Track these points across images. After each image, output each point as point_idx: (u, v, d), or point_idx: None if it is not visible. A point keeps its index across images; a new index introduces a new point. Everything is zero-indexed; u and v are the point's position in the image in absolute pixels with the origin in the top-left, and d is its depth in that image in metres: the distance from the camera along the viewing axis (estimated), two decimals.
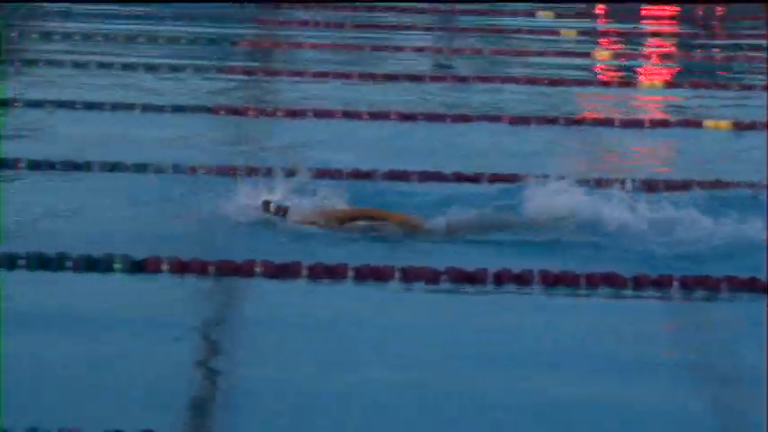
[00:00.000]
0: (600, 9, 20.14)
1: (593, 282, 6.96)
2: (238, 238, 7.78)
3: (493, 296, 6.99)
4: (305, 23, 17.44)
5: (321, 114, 11.27)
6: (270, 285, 7.05)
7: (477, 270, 7.04)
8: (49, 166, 9.11)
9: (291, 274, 7.08)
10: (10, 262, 6.99)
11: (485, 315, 6.81)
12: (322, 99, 12.04)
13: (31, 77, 12.81)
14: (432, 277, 7.05)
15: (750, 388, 5.57)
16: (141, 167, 9.09)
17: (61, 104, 11.24)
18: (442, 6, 19.28)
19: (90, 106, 11.24)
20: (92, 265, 7.09)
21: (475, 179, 9.01)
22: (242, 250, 7.37)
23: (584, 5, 19.90)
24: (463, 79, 13.81)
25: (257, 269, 7.08)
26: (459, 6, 19.42)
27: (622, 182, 8.66)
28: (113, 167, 9.08)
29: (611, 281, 6.96)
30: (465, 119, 11.38)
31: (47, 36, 15.34)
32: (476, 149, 10.33)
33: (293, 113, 11.36)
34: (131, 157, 9.22)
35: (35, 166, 9.09)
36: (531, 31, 17.50)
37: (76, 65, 13.25)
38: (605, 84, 14.32)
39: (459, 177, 8.94)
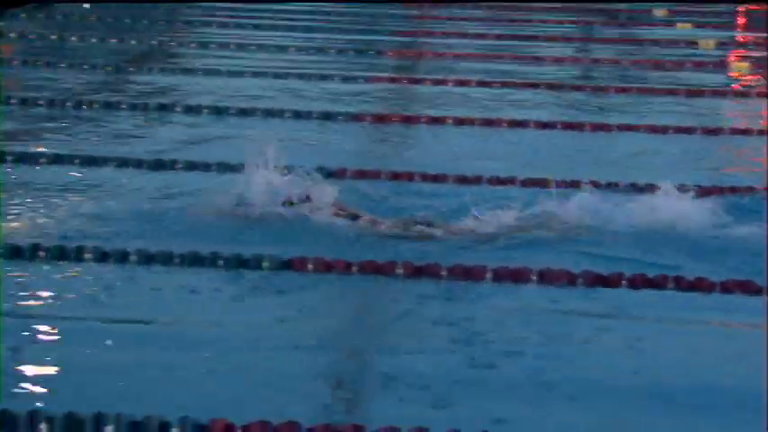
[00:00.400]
0: (741, 19, 19.83)
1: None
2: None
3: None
4: (447, 34, 17.49)
5: (462, 122, 11.27)
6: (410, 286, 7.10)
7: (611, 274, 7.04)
8: (205, 167, 9.24)
9: (431, 275, 7.11)
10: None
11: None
12: (463, 106, 12.05)
13: (189, 85, 12.97)
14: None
15: None
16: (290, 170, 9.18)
17: (218, 111, 11.39)
18: (582, 18, 19.22)
19: (243, 112, 11.37)
20: (242, 263, 7.19)
21: (612, 187, 8.89)
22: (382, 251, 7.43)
23: (724, 17, 19.64)
24: (602, 89, 13.70)
25: (398, 270, 7.11)
26: (598, 18, 19.35)
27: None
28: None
29: None
30: (604, 128, 11.26)
31: (204, 45, 15.56)
32: (613, 159, 10.24)
33: (434, 120, 11.38)
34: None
35: (192, 166, 9.23)
36: (670, 42, 17.28)
37: (231, 73, 13.42)
38: (743, 94, 14.06)
39: (597, 185, 8.83)
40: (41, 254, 7.17)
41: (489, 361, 5.93)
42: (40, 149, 9.58)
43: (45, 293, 6.78)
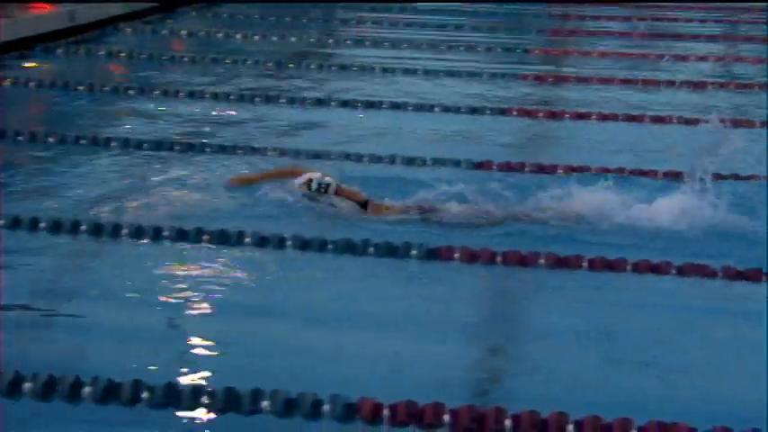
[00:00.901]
0: None
1: None
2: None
3: None
4: (592, 33, 17.35)
5: (604, 117, 11.17)
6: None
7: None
8: (357, 158, 9.31)
9: (573, 266, 7.08)
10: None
11: None
12: (606, 103, 11.93)
13: (344, 81, 13.05)
14: None
15: None
16: (440, 161, 9.21)
17: (371, 105, 11.46)
18: (726, 16, 18.87)
19: (395, 106, 11.43)
20: (392, 251, 7.23)
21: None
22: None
23: None
24: (746, 86, 13.43)
25: (541, 261, 7.10)
26: (743, 16, 18.97)
27: None
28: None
29: None
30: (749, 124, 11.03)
31: (359, 42, 15.65)
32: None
33: (579, 116, 11.29)
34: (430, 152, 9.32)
35: (347, 157, 9.31)
36: None
37: (384, 69, 13.48)
38: None
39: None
40: (205, 237, 7.32)
41: (628, 349, 5.90)
42: (205, 140, 9.72)
43: (208, 275, 6.92)
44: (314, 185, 7.95)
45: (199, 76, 13.01)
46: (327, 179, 7.99)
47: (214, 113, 11.21)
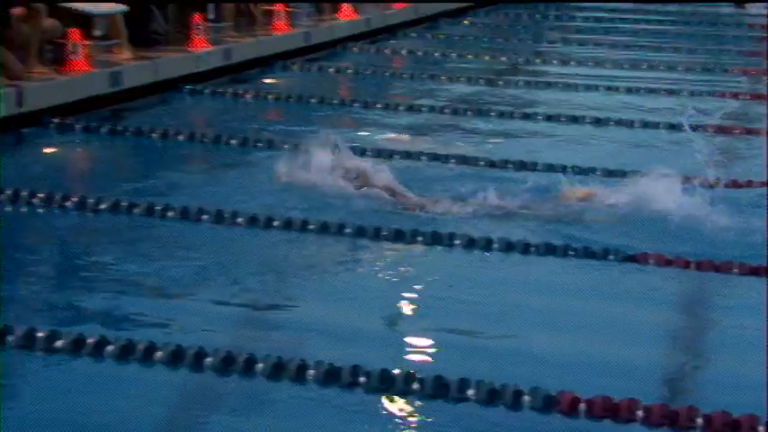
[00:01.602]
0: None
1: None
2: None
3: None
4: None
5: None
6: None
7: None
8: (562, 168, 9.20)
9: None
10: None
11: None
12: None
13: (550, 96, 12.95)
14: None
15: None
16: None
17: (573, 119, 11.33)
18: None
19: (597, 120, 11.27)
20: (591, 254, 7.12)
21: None
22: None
23: None
24: None
25: (734, 269, 6.89)
26: None
27: None
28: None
29: None
30: None
31: (564, 61, 15.51)
32: None
33: None
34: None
35: (550, 168, 9.22)
36: None
37: (587, 86, 13.33)
38: None
39: None
40: (419, 239, 7.34)
41: None
42: (422, 150, 9.75)
43: (423, 274, 6.96)
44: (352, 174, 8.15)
45: (417, 91, 13.10)
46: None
47: (431, 125, 11.25)
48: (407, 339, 5.92)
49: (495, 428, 4.97)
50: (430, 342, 5.86)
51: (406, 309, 6.42)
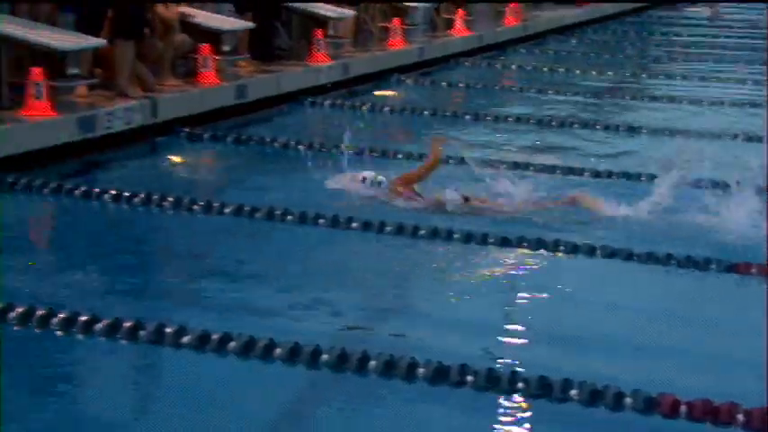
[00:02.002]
0: None
1: None
2: None
3: None
4: None
5: None
6: None
7: None
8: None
9: None
10: None
11: None
12: None
13: (655, 111, 12.78)
14: None
15: None
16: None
17: (677, 132, 11.15)
18: None
19: (699, 134, 11.04)
20: (692, 263, 6.98)
21: None
22: None
23: None
24: None
25: None
26: None
27: None
28: None
29: None
30: None
31: (669, 77, 15.29)
32: None
33: None
34: None
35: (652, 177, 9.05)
36: None
37: (691, 101, 13.13)
38: None
39: None
40: (524, 244, 7.29)
41: None
42: (530, 162, 9.68)
43: (521, 278, 6.92)
44: (368, 182, 8.18)
45: (525, 104, 13.03)
46: (380, 178, 8.18)
47: (538, 137, 11.18)
48: (512, 340, 5.90)
49: (597, 428, 4.92)
50: (534, 343, 5.83)
51: (512, 312, 6.39)
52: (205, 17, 11.46)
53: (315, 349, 5.27)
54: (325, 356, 5.24)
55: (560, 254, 7.19)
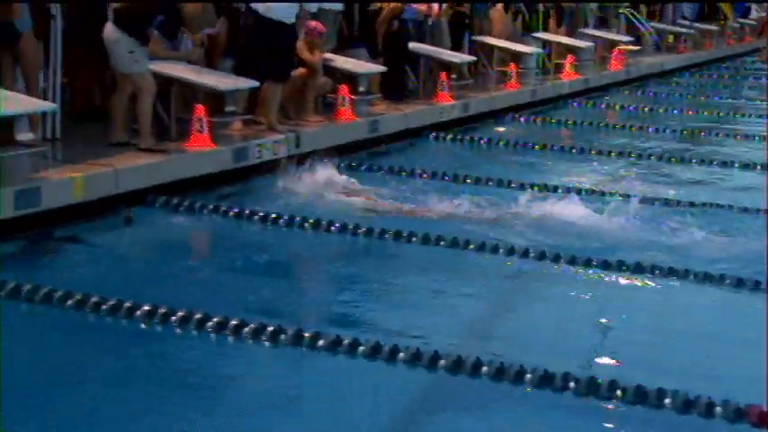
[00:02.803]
0: None
1: None
2: None
3: None
4: None
5: None
6: None
7: None
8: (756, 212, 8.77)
9: None
10: None
11: None
12: None
13: (747, 147, 12.47)
14: None
15: None
16: None
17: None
18: None
19: None
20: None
21: None
22: None
23: None
24: None
25: None
26: None
27: None
28: None
29: None
30: None
31: (761, 116, 14.89)
32: None
33: None
34: None
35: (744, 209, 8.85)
36: None
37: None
38: None
39: None
40: (625, 268, 7.15)
41: None
42: (629, 191, 9.53)
43: (620, 298, 6.78)
44: None
45: (627, 141, 12.84)
46: None
47: (639, 171, 11.00)
48: (611, 352, 5.79)
49: None
50: (631, 355, 5.72)
51: (611, 325, 6.28)
52: (343, 62, 11.59)
53: (433, 354, 5.27)
54: (442, 361, 5.24)
55: (658, 277, 7.03)
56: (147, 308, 5.72)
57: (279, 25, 9.82)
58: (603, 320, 6.31)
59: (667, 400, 4.88)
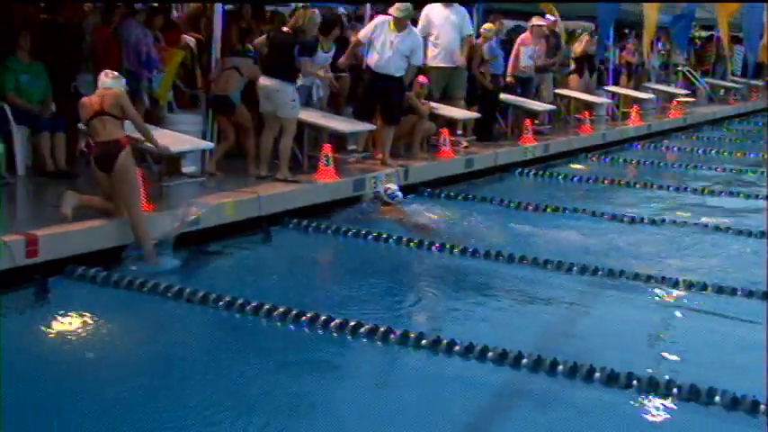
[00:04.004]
0: None
1: None
2: None
3: None
4: None
5: None
6: None
7: None
8: None
9: None
10: None
11: None
12: None
13: None
14: None
15: None
16: None
17: None
18: None
19: None
20: None
21: None
22: None
23: None
24: None
25: None
26: None
27: None
28: None
29: None
30: None
31: None
32: None
33: None
34: None
35: None
36: None
37: None
38: None
39: None
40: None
41: None
42: (685, 219, 9.29)
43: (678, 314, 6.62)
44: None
45: (684, 177, 12.52)
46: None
47: (695, 202, 10.72)
48: (669, 356, 5.64)
49: (735, 428, 4.65)
50: (686, 359, 5.57)
51: (669, 333, 6.12)
52: (445, 110, 11.60)
53: (517, 354, 5.23)
54: (525, 360, 5.19)
55: (705, 292, 6.85)
56: (281, 309, 5.81)
57: (390, 78, 9.88)
58: (662, 329, 6.17)
59: (717, 398, 4.75)
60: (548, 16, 14.49)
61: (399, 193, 9.10)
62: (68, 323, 5.63)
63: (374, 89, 9.93)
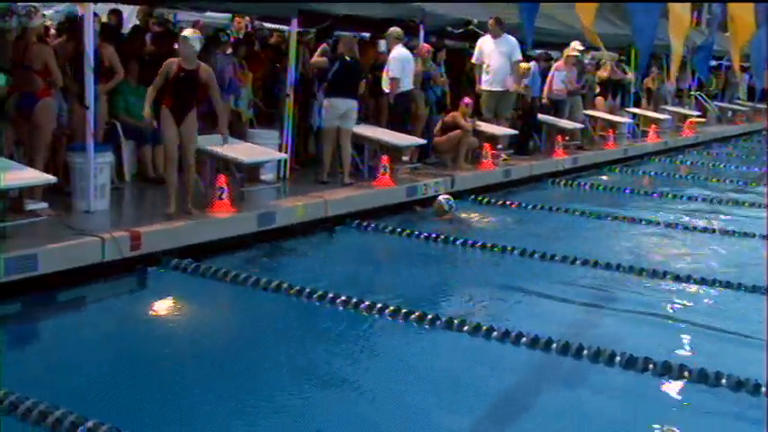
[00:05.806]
0: None
1: None
2: None
3: None
4: None
5: None
6: None
7: None
8: None
9: None
10: None
11: None
12: None
13: None
14: None
15: None
16: None
17: None
18: None
19: None
20: None
21: None
22: None
23: None
24: None
25: None
26: None
27: None
28: None
29: None
30: None
31: None
32: None
33: None
34: None
35: None
36: None
37: None
38: None
39: None
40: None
41: None
42: (696, 225, 9.03)
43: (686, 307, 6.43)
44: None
45: (696, 188, 12.19)
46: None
47: (701, 209, 10.44)
48: (681, 343, 5.49)
49: (742, 409, 4.49)
50: (696, 347, 5.42)
51: (683, 324, 5.92)
52: (487, 127, 11.48)
53: (548, 339, 5.14)
54: (554, 345, 5.10)
55: (715, 287, 6.66)
56: (344, 297, 5.80)
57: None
58: (677, 320, 5.99)
59: (723, 381, 4.61)
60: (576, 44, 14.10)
61: (454, 203, 8.95)
62: (163, 307, 5.73)
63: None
